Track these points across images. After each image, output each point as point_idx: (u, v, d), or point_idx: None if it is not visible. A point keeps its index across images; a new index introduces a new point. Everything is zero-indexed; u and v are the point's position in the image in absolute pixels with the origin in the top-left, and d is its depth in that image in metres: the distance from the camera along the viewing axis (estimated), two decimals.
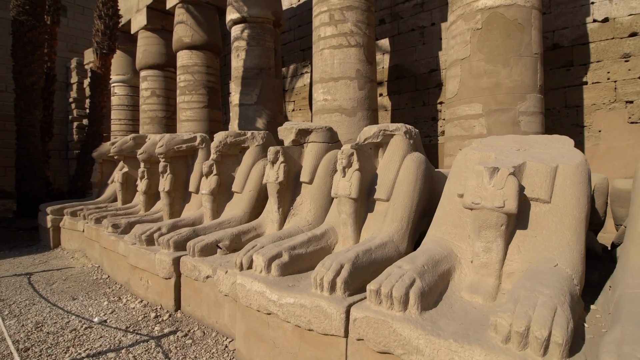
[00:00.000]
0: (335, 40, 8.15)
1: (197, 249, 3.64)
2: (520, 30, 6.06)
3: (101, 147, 7.04)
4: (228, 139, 4.63)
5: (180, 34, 11.83)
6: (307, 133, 4.12)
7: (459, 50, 6.60)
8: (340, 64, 8.18)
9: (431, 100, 10.09)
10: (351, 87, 8.17)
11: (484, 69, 6.20)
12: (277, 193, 3.90)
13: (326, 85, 8.32)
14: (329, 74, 8.25)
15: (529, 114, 6.03)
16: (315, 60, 8.56)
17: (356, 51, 8.15)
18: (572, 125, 7.94)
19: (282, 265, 2.89)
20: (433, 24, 10.00)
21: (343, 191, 3.17)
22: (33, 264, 5.63)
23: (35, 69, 7.81)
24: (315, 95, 8.60)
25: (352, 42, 8.13)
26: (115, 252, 4.81)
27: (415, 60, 10.33)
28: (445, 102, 7.09)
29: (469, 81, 6.44)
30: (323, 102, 8.37)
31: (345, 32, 8.10)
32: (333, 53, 8.19)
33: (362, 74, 8.19)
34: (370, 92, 8.33)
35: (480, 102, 6.27)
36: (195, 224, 4.66)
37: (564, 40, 7.98)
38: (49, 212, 6.46)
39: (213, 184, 4.50)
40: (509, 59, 6.08)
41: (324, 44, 8.27)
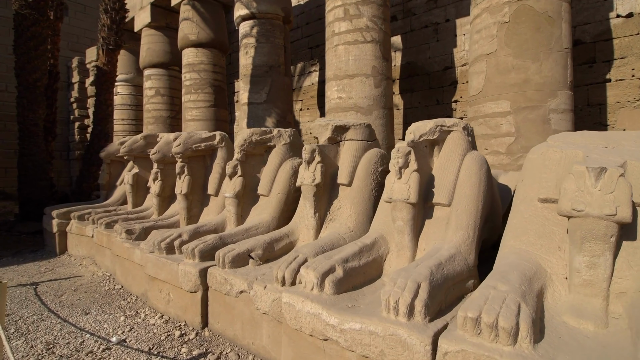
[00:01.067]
0: (351, 35, 7.72)
1: (228, 259, 3.19)
2: (550, 24, 5.64)
3: (109, 147, 6.56)
4: (253, 137, 4.17)
5: (186, 32, 11.35)
6: (344, 130, 3.68)
7: (484, 45, 6.18)
8: (356, 61, 7.74)
9: (446, 99, 9.67)
10: (367, 84, 7.74)
11: (511, 64, 5.79)
12: (313, 196, 3.45)
13: (341, 82, 7.88)
14: (343, 70, 7.81)
15: (560, 111, 5.61)
16: (329, 57, 8.12)
17: (372, 47, 7.72)
18: (595, 123, 7.55)
19: (337, 282, 2.44)
20: (447, 20, 9.58)
21: (399, 195, 2.72)
22: (39, 272, 5.15)
23: (39, 66, 7.30)
24: (328, 93, 8.16)
25: (368, 38, 7.70)
26: (129, 261, 4.35)
27: (429, 58, 9.91)
28: (467, 100, 6.67)
29: (495, 77, 6.02)
30: (337, 100, 7.93)
31: (361, 27, 7.67)
32: (348, 49, 7.75)
33: (378, 71, 7.77)
34: (386, 90, 7.91)
35: (507, 99, 5.85)
36: (217, 229, 4.20)
37: (586, 36, 7.58)
38: (55, 216, 5.97)
39: (238, 186, 4.05)
40: (539, 54, 5.66)
41: (339, 39, 7.84)
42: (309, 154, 3.46)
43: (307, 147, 3.48)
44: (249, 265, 3.28)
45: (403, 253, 2.80)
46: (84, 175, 7.91)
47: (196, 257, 3.44)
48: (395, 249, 2.86)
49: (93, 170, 7.95)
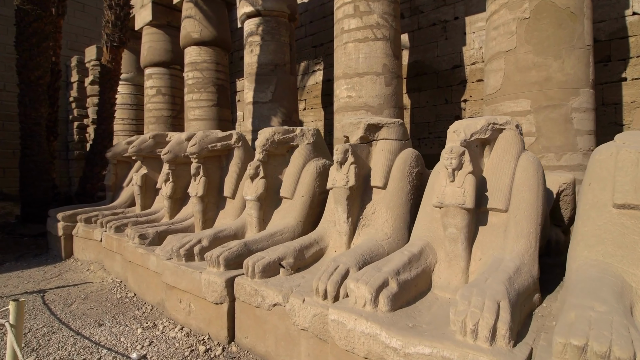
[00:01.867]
0: (361, 33, 7.43)
1: (258, 269, 2.88)
2: (572, 20, 5.39)
3: (116, 147, 6.21)
4: (276, 136, 3.87)
5: (189, 30, 10.99)
6: (377, 128, 3.39)
7: (503, 42, 5.91)
8: (366, 59, 7.46)
9: (454, 98, 9.42)
10: (377, 83, 7.46)
11: (532, 62, 5.53)
12: (346, 200, 3.16)
13: (350, 81, 7.59)
14: (353, 69, 7.53)
15: (582, 110, 5.37)
16: (338, 55, 7.83)
17: (383, 45, 7.44)
18: (610, 123, 7.33)
19: (393, 297, 2.16)
20: (456, 18, 9.32)
21: (453, 199, 2.44)
22: (45, 278, 4.81)
23: (41, 63, 6.93)
24: (337, 91, 7.86)
25: (379, 35, 7.41)
26: (143, 267, 4.03)
27: (437, 57, 9.65)
28: (483, 99, 6.41)
29: (514, 75, 5.76)
30: (347, 99, 7.64)
31: (372, 24, 7.38)
32: (358, 47, 7.47)
33: (388, 69, 7.49)
34: (396, 89, 7.63)
35: (528, 98, 5.59)
36: (237, 234, 3.89)
37: (601, 34, 7.36)
38: (60, 219, 5.62)
39: (260, 189, 3.74)
40: (561, 51, 5.41)
41: (348, 37, 7.54)
42: (341, 154, 3.17)
43: (339, 147, 3.19)
44: (280, 274, 2.98)
45: (455, 263, 2.52)
46: (88, 175, 7.54)
47: (221, 265, 3.14)
48: (445, 259, 2.58)
49: (97, 171, 7.59)
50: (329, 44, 11.51)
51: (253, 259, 2.97)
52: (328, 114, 11.55)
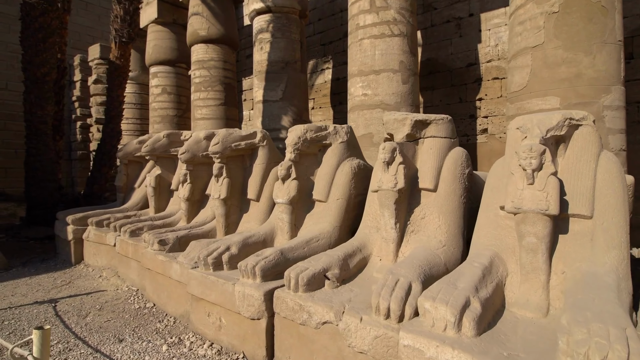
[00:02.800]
0: (377, 29, 7.10)
1: (303, 281, 2.55)
2: (603, 14, 5.09)
3: (127, 146, 5.85)
4: (308, 134, 3.53)
5: (196, 27, 10.62)
6: (424, 125, 3.06)
7: (529, 37, 5.60)
8: (383, 55, 7.13)
9: (469, 97, 9.11)
10: (394, 80, 7.13)
11: (561, 58, 5.22)
12: (395, 204, 2.83)
13: (366, 78, 7.27)
14: (369, 66, 7.20)
15: (614, 108, 5.06)
16: (352, 52, 7.50)
17: (400, 41, 7.11)
18: (633, 122, 7.04)
19: (478, 320, 1.83)
20: (471, 15, 9.01)
21: (533, 204, 2.11)
22: (55, 286, 4.45)
23: (47, 59, 6.55)
24: (352, 89, 7.54)
25: (396, 31, 7.08)
26: (164, 276, 3.68)
27: (451, 54, 9.33)
28: (507, 96, 6.11)
29: (542, 71, 5.44)
30: (362, 97, 7.32)
31: (388, 20, 7.05)
32: (374, 43, 7.13)
33: (405, 67, 7.16)
34: (413, 87, 7.31)
35: (557, 95, 5.27)
36: (266, 240, 3.55)
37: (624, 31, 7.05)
38: (70, 222, 5.25)
39: (292, 191, 3.40)
40: (592, 46, 5.10)
41: (364, 33, 7.21)
42: (388, 153, 2.84)
43: (386, 146, 2.86)
44: (325, 287, 2.65)
45: (534, 277, 2.19)
46: (95, 176, 7.17)
47: (257, 276, 2.80)
48: (520, 272, 2.25)
49: (105, 171, 7.21)
50: (338, 42, 11.19)
51: (296, 270, 2.63)
52: (337, 113, 11.22)
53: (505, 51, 8.61)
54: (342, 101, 11.11)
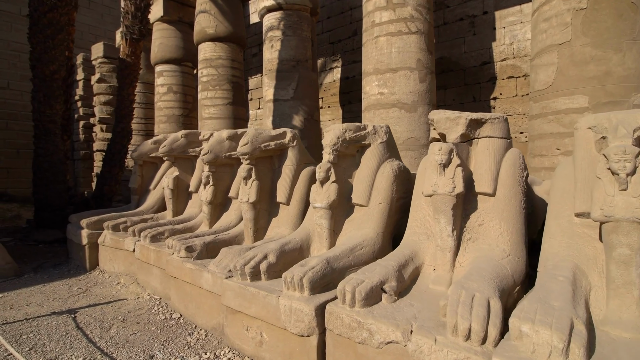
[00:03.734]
0: (394, 26, 6.86)
1: (360, 295, 2.30)
2: (633, 11, 4.88)
3: (142, 147, 5.58)
4: (347, 134, 3.28)
5: (203, 25, 10.34)
6: (479, 124, 2.82)
7: (555, 34, 5.39)
8: (399, 53, 6.89)
9: (483, 96, 8.89)
10: (411, 79, 6.90)
11: (590, 56, 5.01)
12: (452, 209, 2.59)
13: (382, 77, 7.02)
14: (385, 64, 6.96)
15: None
16: (368, 49, 7.26)
17: (417, 39, 6.88)
18: None
19: (586, 345, 1.59)
20: (485, 13, 8.79)
21: (629, 212, 1.88)
22: (71, 294, 4.18)
23: (56, 56, 6.25)
24: (367, 88, 7.29)
25: (413, 29, 6.85)
26: (193, 286, 3.42)
27: (464, 53, 9.11)
28: (529, 95, 5.88)
29: (569, 69, 5.23)
30: (378, 96, 7.08)
31: (405, 17, 6.81)
32: (391, 41, 6.89)
33: (423, 65, 6.93)
34: (430, 85, 7.09)
35: (585, 94, 5.06)
36: (302, 247, 3.30)
37: None
38: (85, 226, 4.97)
39: (332, 195, 3.15)
40: (621, 44, 4.89)
41: (380, 30, 6.97)
42: (445, 154, 2.60)
43: (443, 147, 2.62)
44: (383, 301, 2.40)
45: (625, 292, 1.95)
46: (106, 177, 6.88)
47: (305, 289, 2.55)
48: (607, 286, 2.01)
49: (115, 172, 6.93)
50: (347, 41, 10.94)
51: (351, 282, 2.38)
52: (347, 113, 10.98)
53: (521, 49, 8.40)
54: (352, 100, 10.87)
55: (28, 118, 14.45)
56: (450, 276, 2.63)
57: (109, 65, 13.53)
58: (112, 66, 13.41)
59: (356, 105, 10.78)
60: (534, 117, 5.84)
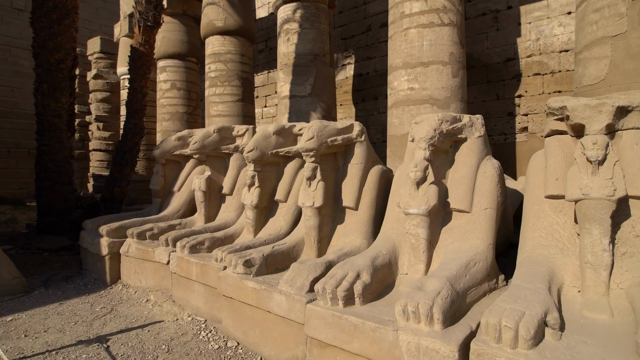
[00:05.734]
0: (425, 17, 6.29)
1: (529, 334, 1.70)
2: None
3: (164, 143, 4.87)
4: (444, 126, 2.68)
5: (212, 17, 9.62)
6: (625, 113, 2.25)
7: (608, 26, 4.90)
8: (431, 46, 6.32)
9: (507, 94, 8.41)
10: (444, 73, 6.34)
11: None
12: (611, 218, 2.02)
13: (412, 71, 6.44)
14: (416, 57, 6.37)
15: None
16: (396, 42, 6.68)
17: (449, 31, 6.33)
18: None
19: None
20: (509, 7, 8.31)
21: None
22: (95, 315, 3.46)
23: (62, 43, 5.47)
24: (395, 83, 6.70)
25: (446, 20, 6.29)
26: (256, 309, 2.77)
27: (487, 49, 8.62)
28: (576, 90, 5.40)
29: (625, 63, 4.76)
30: (408, 92, 6.49)
31: (437, 8, 6.25)
32: (422, 33, 6.32)
33: (455, 59, 6.38)
34: (463, 81, 6.54)
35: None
36: (391, 262, 2.69)
37: None
38: (105, 234, 4.24)
39: (432, 199, 2.54)
40: None
41: (410, 22, 6.39)
42: (602, 149, 2.03)
43: (598, 140, 2.05)
44: (547, 338, 1.80)
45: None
46: (116, 178, 6.11)
47: (436, 321, 1.94)
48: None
49: (127, 172, 6.18)
50: (360, 36, 10.35)
51: (509, 314, 1.77)
52: (360, 111, 10.39)
53: (548, 45, 7.94)
54: (366, 98, 10.29)
55: (20, 115, 13.45)
56: (607, 301, 2.05)
57: (107, 60, 12.67)
58: (110, 62, 12.57)
59: (370, 103, 10.21)
60: None
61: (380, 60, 9.99)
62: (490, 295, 2.45)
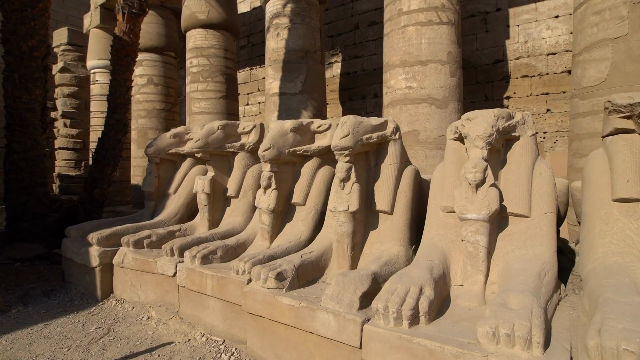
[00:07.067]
0: (424, 15, 6.14)
1: None
2: None
3: (158, 141, 4.38)
4: (500, 123, 2.43)
5: (194, 9, 9.08)
6: None
7: (609, 28, 4.94)
8: (430, 45, 6.18)
9: (496, 95, 8.39)
10: (442, 72, 6.22)
11: None
12: None
13: (410, 70, 6.28)
14: (414, 56, 6.21)
15: None
16: (393, 40, 6.50)
17: (448, 30, 6.23)
18: None
19: None
20: (499, 10, 8.29)
21: None
22: (90, 338, 2.98)
23: (36, 29, 4.83)
24: (391, 82, 6.51)
25: (444, 19, 6.18)
26: (293, 328, 2.41)
27: (476, 50, 8.58)
28: (574, 92, 5.37)
29: (626, 65, 4.79)
30: (406, 91, 6.32)
31: (436, 6, 6.12)
32: (420, 31, 6.16)
33: (453, 58, 6.28)
34: (460, 80, 6.47)
35: None
36: (445, 273, 2.40)
37: None
38: (95, 242, 3.70)
39: (494, 203, 2.28)
40: None
41: (408, 19, 6.23)
42: None
43: None
44: None
45: None
46: (97, 178, 5.48)
47: (535, 345, 1.66)
48: None
49: (108, 172, 5.58)
50: (348, 34, 10.10)
51: (631, 338, 1.53)
52: (347, 111, 10.13)
53: (536, 48, 7.96)
54: (353, 97, 10.05)
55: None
56: None
57: (75, 53, 11.78)
58: (79, 54, 11.70)
59: (358, 102, 9.97)
60: (581, 115, 5.33)
61: (368, 59, 9.77)
62: (560, 307, 2.22)
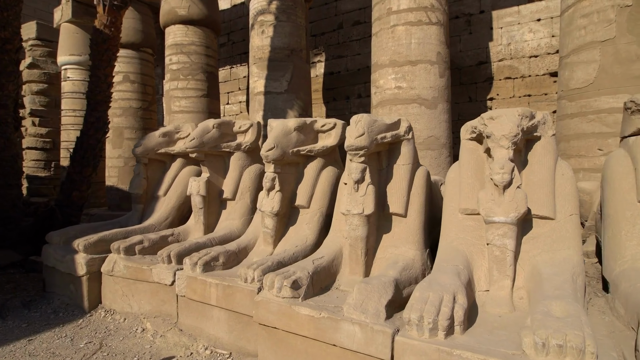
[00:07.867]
0: (414, 15, 6.11)
1: None
2: None
3: (147, 140, 4.09)
4: (524, 122, 2.34)
5: (173, 5, 8.73)
6: None
7: (597, 31, 5.06)
8: (420, 45, 6.15)
9: (479, 96, 8.47)
10: (432, 73, 6.20)
11: (636, 54, 4.78)
12: None
13: (400, 70, 6.23)
14: (404, 56, 6.17)
15: None
16: (382, 39, 6.43)
17: (437, 30, 6.22)
18: None
19: None
20: (482, 12, 8.37)
21: None
22: (79, 353, 2.70)
23: (9, 20, 4.40)
24: (380, 82, 6.45)
25: (433, 19, 6.16)
26: (314, 341, 2.23)
27: (460, 52, 8.63)
28: (562, 93, 5.46)
29: (613, 68, 4.93)
30: (395, 91, 6.27)
31: (426, 6, 6.10)
32: (410, 31, 6.13)
33: (442, 58, 6.29)
34: (448, 81, 6.47)
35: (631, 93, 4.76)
36: (470, 278, 2.29)
37: None
38: (81, 249, 3.38)
39: (522, 205, 2.18)
40: None
41: (397, 19, 6.18)
42: None
43: None
44: None
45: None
46: (75, 180, 5.08)
47: (589, 355, 1.56)
48: None
49: (87, 174, 5.19)
50: (331, 34, 9.97)
51: None
52: (331, 111, 10.01)
53: (519, 50, 8.09)
54: (337, 97, 9.93)
55: None
56: None
57: (44, 48, 11.13)
58: (48, 50, 11.05)
59: (341, 102, 9.86)
60: (569, 117, 5.43)
61: (352, 59, 9.67)
62: (590, 312, 2.15)
